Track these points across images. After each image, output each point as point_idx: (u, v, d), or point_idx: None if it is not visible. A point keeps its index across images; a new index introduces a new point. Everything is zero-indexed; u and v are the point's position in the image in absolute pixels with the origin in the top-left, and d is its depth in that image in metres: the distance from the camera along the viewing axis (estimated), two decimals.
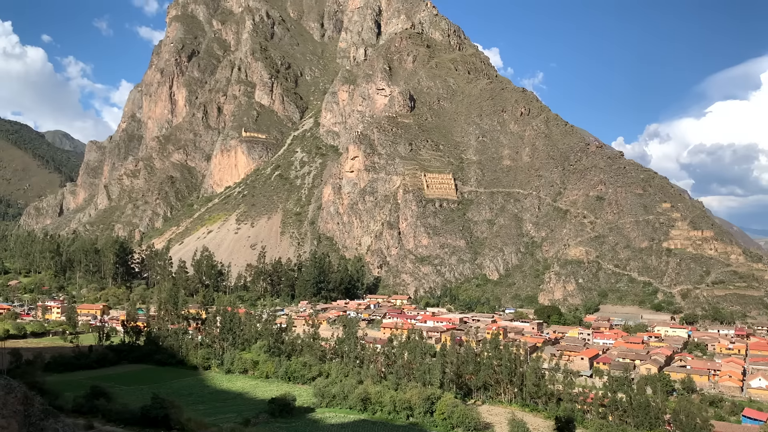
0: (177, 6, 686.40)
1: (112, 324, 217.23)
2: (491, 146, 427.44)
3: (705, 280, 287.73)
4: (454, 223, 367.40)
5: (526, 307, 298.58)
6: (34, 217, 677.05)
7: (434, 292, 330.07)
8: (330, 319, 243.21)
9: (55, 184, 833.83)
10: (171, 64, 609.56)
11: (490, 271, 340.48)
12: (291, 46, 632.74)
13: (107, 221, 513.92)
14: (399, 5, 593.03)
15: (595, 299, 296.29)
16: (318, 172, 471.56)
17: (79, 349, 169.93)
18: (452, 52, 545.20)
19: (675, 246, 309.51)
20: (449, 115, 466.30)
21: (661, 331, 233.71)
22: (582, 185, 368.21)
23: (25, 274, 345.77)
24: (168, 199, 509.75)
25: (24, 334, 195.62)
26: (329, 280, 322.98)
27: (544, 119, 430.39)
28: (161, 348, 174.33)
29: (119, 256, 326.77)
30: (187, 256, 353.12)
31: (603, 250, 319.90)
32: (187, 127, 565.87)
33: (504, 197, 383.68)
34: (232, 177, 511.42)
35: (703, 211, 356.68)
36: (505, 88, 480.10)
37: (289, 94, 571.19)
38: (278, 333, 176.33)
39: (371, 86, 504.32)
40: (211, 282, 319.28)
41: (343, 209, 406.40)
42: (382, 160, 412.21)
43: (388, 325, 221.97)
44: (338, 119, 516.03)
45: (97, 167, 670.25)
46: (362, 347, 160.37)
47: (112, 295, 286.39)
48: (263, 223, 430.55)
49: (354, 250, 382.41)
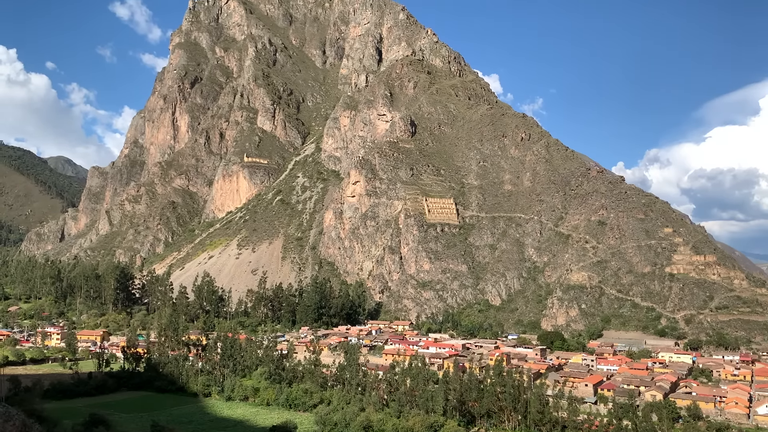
0: (180, 34, 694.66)
1: (112, 350, 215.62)
2: (492, 171, 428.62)
3: (708, 306, 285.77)
4: (455, 247, 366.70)
5: (528, 332, 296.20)
6: (35, 243, 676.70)
7: (436, 318, 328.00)
8: (331, 345, 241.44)
9: (56, 209, 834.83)
10: (174, 90, 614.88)
11: (492, 297, 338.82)
12: (293, 72, 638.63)
13: (108, 247, 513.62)
14: (400, 33, 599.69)
15: (598, 325, 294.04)
16: (319, 197, 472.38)
17: (79, 376, 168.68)
18: (453, 78, 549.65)
19: (678, 271, 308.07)
20: (450, 140, 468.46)
21: (665, 356, 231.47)
22: (583, 210, 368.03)
23: (26, 299, 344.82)
24: (169, 224, 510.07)
25: (23, 361, 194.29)
26: (330, 305, 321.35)
27: (545, 144, 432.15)
28: (161, 375, 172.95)
29: (120, 281, 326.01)
30: (188, 282, 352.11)
31: (605, 275, 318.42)
32: (189, 153, 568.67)
33: (505, 222, 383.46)
34: (234, 202, 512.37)
35: (705, 235, 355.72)
36: (506, 113, 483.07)
37: (290, 119, 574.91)
38: (279, 359, 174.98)
39: (372, 112, 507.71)
40: (212, 307, 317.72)
41: (345, 234, 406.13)
42: (384, 184, 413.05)
43: (390, 352, 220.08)
44: (340, 144, 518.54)
45: (98, 193, 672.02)
46: (364, 374, 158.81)
47: (113, 321, 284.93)
48: (264, 248, 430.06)
49: (355, 275, 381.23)
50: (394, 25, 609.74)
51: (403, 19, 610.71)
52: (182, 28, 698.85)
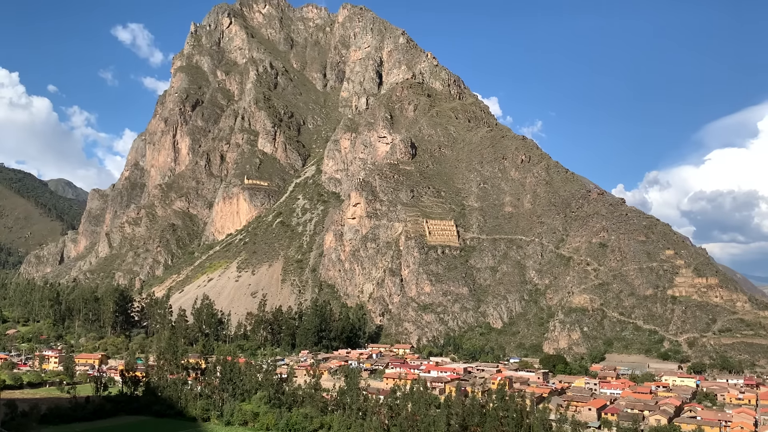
0: (182, 57, 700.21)
1: (111, 374, 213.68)
2: (492, 193, 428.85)
3: (711, 328, 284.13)
4: (456, 270, 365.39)
5: (530, 356, 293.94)
6: (35, 266, 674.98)
7: (437, 341, 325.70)
8: (331, 369, 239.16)
9: (56, 232, 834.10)
10: (175, 113, 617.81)
11: (493, 320, 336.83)
12: (294, 95, 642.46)
13: (108, 269, 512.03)
14: (400, 56, 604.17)
15: (600, 348, 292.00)
16: (320, 219, 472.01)
17: (76, 400, 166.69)
18: (452, 101, 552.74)
19: (680, 293, 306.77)
20: (450, 162, 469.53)
21: (668, 380, 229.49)
22: (584, 232, 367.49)
23: (24, 322, 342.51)
24: (169, 246, 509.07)
25: (20, 385, 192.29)
26: (330, 328, 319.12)
27: (545, 166, 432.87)
28: (160, 399, 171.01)
29: (119, 304, 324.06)
30: (187, 305, 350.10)
31: (607, 298, 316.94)
32: (190, 175, 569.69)
33: (506, 244, 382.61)
34: (234, 224, 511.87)
35: (706, 258, 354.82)
36: (506, 135, 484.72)
37: (291, 142, 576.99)
38: (279, 383, 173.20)
39: (373, 134, 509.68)
40: (211, 331, 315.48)
41: (345, 256, 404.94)
42: (384, 206, 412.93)
43: (391, 375, 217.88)
44: (340, 166, 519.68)
45: (99, 215, 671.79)
46: (365, 398, 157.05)
47: (111, 345, 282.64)
48: (264, 271, 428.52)
49: (356, 297, 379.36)
50: (395, 48, 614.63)
51: (403, 43, 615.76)
52: (184, 52, 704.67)
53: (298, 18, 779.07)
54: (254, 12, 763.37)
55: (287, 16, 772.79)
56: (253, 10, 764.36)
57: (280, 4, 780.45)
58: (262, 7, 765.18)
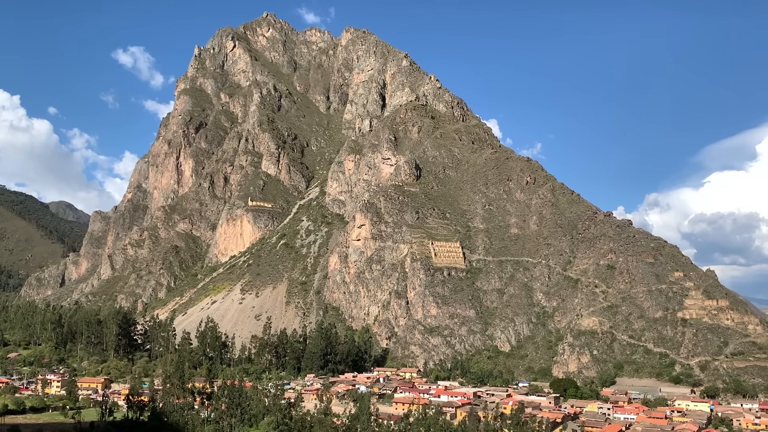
0: (186, 80, 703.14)
1: (114, 398, 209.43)
2: (498, 214, 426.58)
3: (723, 352, 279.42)
4: (463, 292, 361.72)
5: (540, 380, 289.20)
6: (36, 288, 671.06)
7: (444, 365, 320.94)
8: (339, 393, 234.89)
9: (57, 254, 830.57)
10: (179, 135, 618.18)
11: (501, 343, 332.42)
12: (297, 117, 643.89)
13: (110, 292, 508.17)
14: (403, 79, 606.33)
15: (610, 371, 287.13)
16: (324, 240, 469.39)
17: (81, 426, 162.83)
18: (456, 122, 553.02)
19: (690, 316, 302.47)
20: (455, 183, 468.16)
21: (682, 404, 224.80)
22: (592, 254, 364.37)
23: (25, 346, 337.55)
24: (172, 269, 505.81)
25: (23, 409, 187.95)
26: (336, 352, 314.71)
27: (550, 188, 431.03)
28: (166, 424, 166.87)
29: (122, 327, 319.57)
30: (191, 327, 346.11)
31: (617, 321, 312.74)
32: (193, 197, 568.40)
33: (513, 266, 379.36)
34: (237, 246, 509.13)
35: (715, 280, 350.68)
36: (510, 157, 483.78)
37: (295, 163, 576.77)
38: (287, 408, 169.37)
39: (377, 156, 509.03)
40: (216, 354, 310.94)
41: (350, 278, 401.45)
42: (389, 228, 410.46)
43: (401, 400, 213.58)
44: (344, 188, 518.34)
45: (100, 237, 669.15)
46: (378, 424, 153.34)
47: (114, 368, 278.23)
48: (268, 293, 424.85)
49: (361, 320, 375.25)
50: (398, 71, 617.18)
51: (407, 65, 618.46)
52: (188, 75, 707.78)
53: (301, 41, 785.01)
54: (258, 35, 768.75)
55: (290, 40, 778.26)
56: (257, 34, 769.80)
57: (283, 27, 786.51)
58: (266, 31, 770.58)
